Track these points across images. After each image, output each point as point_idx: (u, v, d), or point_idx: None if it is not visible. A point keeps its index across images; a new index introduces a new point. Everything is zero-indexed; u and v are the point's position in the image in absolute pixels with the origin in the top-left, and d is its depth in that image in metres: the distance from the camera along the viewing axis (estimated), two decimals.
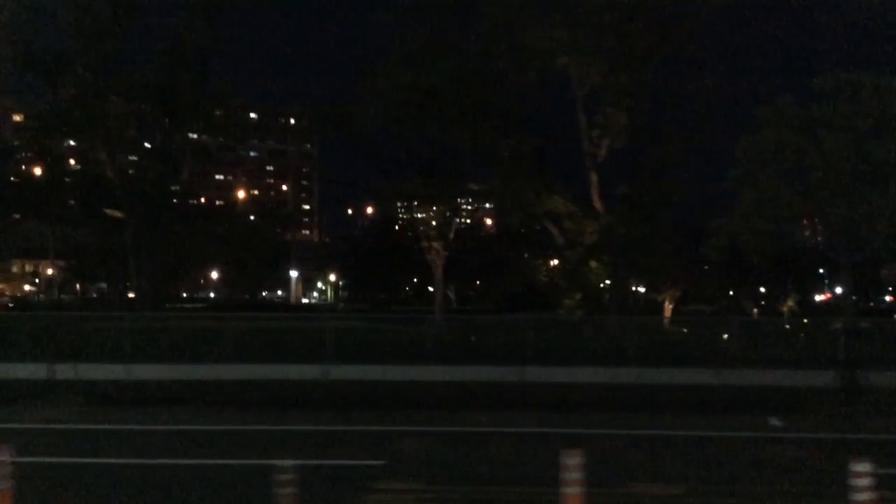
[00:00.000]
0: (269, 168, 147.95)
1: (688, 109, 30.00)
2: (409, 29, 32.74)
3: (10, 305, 48.93)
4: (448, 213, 51.56)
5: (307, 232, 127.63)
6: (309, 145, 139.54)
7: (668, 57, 29.81)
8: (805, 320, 37.86)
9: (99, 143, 33.97)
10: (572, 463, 6.84)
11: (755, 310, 58.56)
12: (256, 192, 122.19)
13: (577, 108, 31.64)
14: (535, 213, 32.64)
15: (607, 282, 33.61)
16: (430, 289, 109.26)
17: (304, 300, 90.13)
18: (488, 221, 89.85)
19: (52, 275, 65.43)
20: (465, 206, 57.63)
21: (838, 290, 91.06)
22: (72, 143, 39.85)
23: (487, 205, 65.03)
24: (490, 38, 30.53)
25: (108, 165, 34.68)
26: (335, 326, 23.98)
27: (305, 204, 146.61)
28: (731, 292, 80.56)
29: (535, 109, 40.63)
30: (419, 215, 55.74)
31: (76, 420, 14.71)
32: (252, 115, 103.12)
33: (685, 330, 25.72)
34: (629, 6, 28.57)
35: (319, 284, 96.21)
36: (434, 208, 52.36)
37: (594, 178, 31.78)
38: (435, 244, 52.87)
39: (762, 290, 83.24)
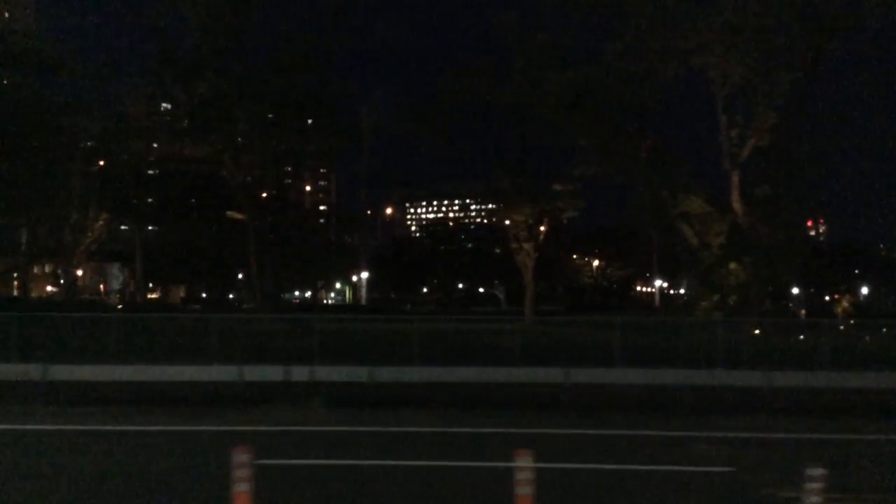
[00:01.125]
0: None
1: (842, 111, 29.57)
2: (544, 29, 32.64)
3: (120, 307, 49.30)
4: (538, 215, 51.64)
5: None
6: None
7: (825, 57, 29.40)
8: None
9: (226, 145, 34.01)
10: None
11: (802, 311, 57.31)
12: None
13: (717, 108, 31.33)
14: (669, 214, 32.28)
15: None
16: (481, 290, 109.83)
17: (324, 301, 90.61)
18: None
19: (80, 277, 65.49)
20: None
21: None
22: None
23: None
24: (634, 38, 30.27)
25: (232, 167, 34.78)
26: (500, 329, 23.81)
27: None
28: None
29: (672, 110, 40.30)
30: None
31: (317, 422, 14.68)
32: None
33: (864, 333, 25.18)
34: (784, 6, 28.20)
35: (338, 285, 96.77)
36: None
37: (735, 178, 31.43)
38: (526, 245, 52.87)
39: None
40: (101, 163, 39.87)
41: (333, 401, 16.58)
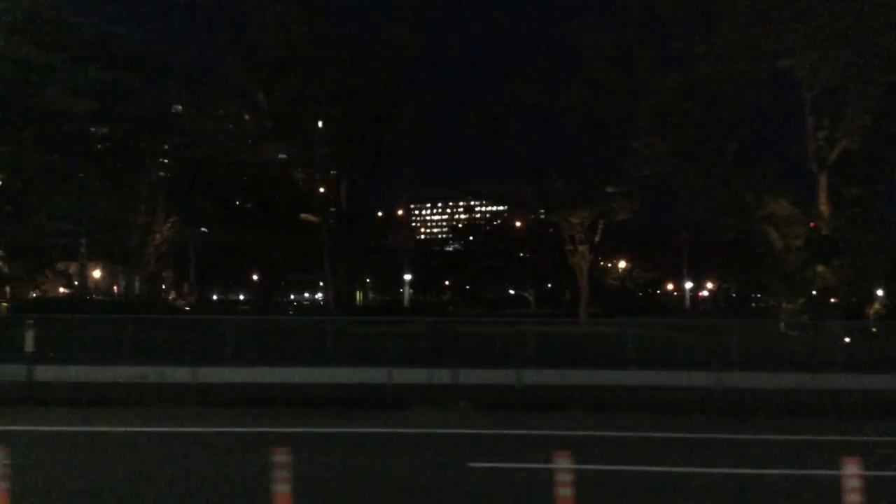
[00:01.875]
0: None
1: None
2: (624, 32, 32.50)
3: (188, 309, 49.41)
4: (595, 217, 51.50)
5: None
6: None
7: None
8: None
9: (304, 149, 34.00)
10: None
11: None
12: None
13: (805, 110, 31.09)
14: (753, 217, 32.04)
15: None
16: (511, 292, 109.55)
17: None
18: None
19: (101, 277, 65.44)
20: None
21: None
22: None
23: None
24: (724, 40, 30.09)
25: (309, 171, 34.80)
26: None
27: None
28: None
29: (759, 112, 40.01)
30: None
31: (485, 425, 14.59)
32: None
33: None
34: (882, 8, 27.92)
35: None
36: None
37: (823, 180, 31.19)
38: (581, 247, 52.76)
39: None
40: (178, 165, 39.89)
41: (480, 403, 16.55)
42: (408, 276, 72.98)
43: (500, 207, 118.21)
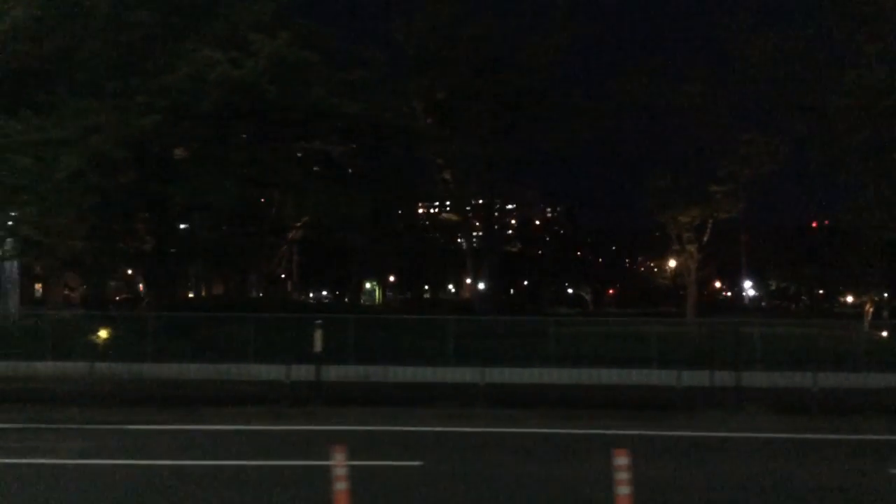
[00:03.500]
0: None
1: None
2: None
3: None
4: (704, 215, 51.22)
5: None
6: None
7: None
8: None
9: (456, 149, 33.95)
10: None
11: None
12: None
13: None
14: None
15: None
16: (570, 290, 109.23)
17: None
18: None
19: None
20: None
21: None
22: None
23: None
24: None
25: (457, 172, 34.83)
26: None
27: None
28: None
29: None
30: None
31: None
32: None
33: None
34: None
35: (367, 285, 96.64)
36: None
37: None
38: (689, 247, 52.51)
39: None
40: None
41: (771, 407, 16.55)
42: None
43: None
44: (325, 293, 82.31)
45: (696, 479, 10.43)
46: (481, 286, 40.16)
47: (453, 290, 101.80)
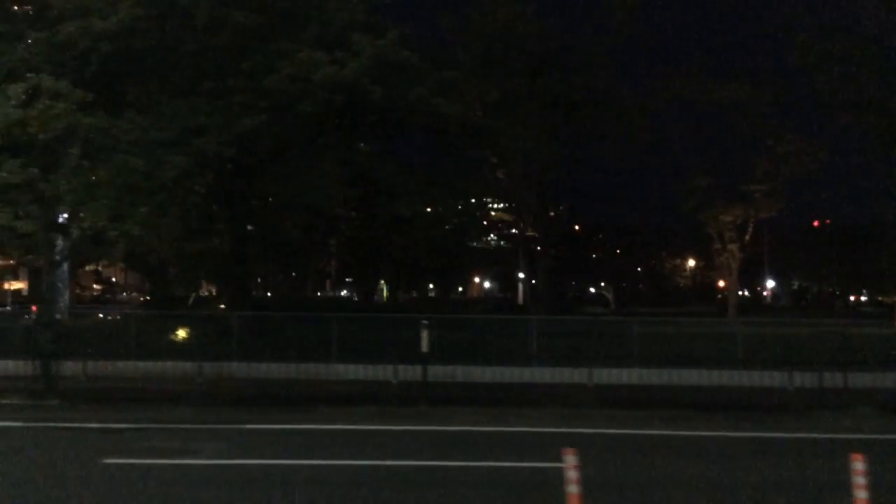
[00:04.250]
0: None
1: None
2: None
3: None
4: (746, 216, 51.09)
5: None
6: None
7: None
8: None
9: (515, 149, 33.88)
10: None
11: None
12: None
13: None
14: None
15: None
16: (591, 290, 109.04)
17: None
18: None
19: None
20: None
21: None
22: None
23: None
24: None
25: (509, 171, 34.80)
26: None
27: None
28: None
29: None
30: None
31: None
32: None
33: None
34: None
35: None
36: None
37: None
38: (731, 246, 52.39)
39: None
40: None
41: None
42: (522, 275, 72.95)
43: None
44: (344, 291, 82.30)
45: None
46: (512, 285, 39.93)
47: (461, 290, 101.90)
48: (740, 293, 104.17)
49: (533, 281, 41.03)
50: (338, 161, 20.93)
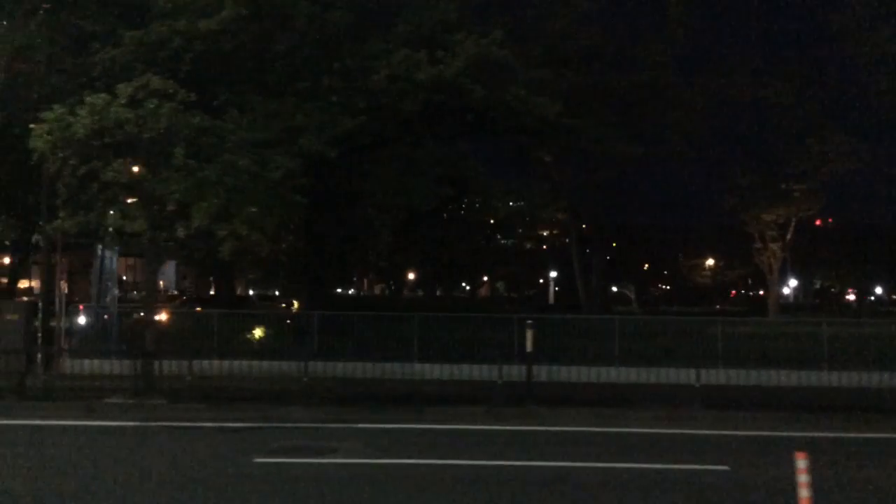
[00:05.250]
0: None
1: None
2: None
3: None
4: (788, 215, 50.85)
5: None
6: None
7: None
8: None
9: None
10: None
11: None
12: None
13: None
14: None
15: None
16: (614, 288, 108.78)
17: None
18: None
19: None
20: None
21: None
22: None
23: None
24: None
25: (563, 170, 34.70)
26: None
27: None
28: None
29: None
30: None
31: None
32: None
33: None
34: None
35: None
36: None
37: None
38: (773, 246, 52.17)
39: None
40: None
41: None
42: (553, 273, 73.20)
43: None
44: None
45: None
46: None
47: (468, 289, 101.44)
48: (751, 293, 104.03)
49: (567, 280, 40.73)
50: (432, 160, 20.94)
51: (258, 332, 23.91)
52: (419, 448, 12.89)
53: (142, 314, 18.50)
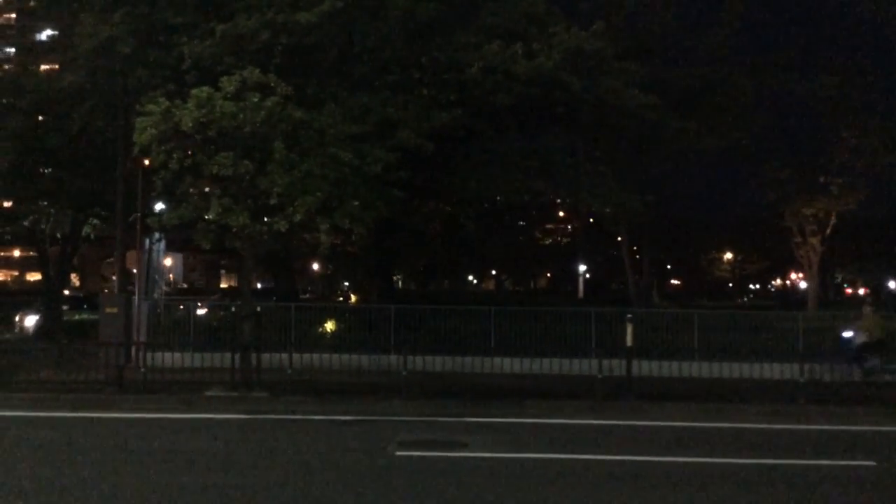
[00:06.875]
0: None
1: None
2: None
3: None
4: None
5: None
6: None
7: None
8: None
9: None
10: None
11: None
12: None
13: None
14: None
15: None
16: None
17: None
18: None
19: None
20: None
21: None
22: None
23: None
24: None
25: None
26: None
27: None
28: None
29: None
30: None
31: None
32: None
33: None
34: None
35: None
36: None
37: None
38: (812, 240, 51.95)
39: None
40: None
41: None
42: (583, 267, 73.20)
43: None
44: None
45: None
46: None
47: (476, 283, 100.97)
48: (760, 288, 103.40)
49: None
50: (525, 153, 20.88)
51: (329, 326, 23.94)
52: (547, 443, 12.89)
53: (240, 305, 18.47)
